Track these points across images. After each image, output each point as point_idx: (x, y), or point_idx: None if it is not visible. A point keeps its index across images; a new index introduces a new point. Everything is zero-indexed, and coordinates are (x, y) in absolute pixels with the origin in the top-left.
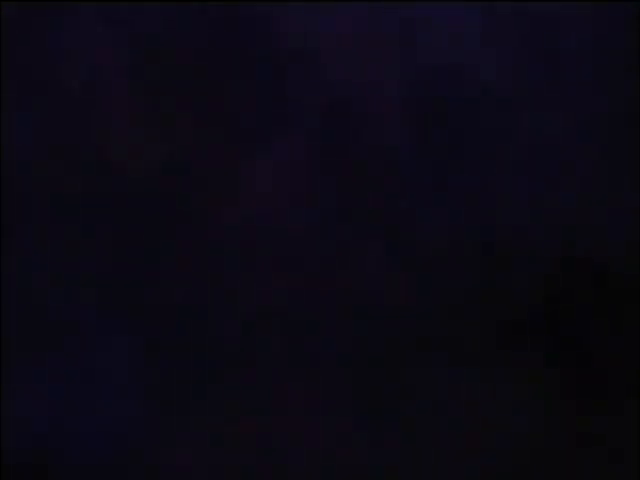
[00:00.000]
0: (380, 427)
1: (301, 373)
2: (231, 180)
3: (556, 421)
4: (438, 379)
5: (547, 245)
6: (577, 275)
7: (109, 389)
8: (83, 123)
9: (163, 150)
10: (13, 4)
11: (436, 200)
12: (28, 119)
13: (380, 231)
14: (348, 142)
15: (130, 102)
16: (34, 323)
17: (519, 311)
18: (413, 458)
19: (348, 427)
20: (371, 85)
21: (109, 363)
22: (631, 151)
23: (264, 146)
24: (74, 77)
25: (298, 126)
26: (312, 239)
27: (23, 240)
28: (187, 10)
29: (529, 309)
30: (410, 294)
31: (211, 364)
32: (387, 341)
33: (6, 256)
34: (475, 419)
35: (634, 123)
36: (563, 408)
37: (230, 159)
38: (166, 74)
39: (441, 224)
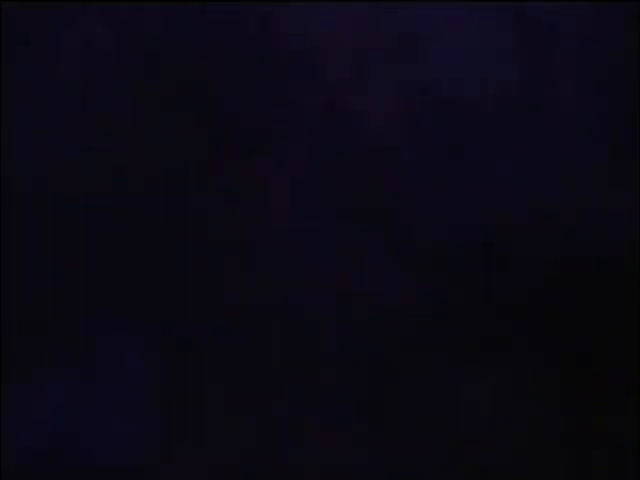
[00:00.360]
0: (380, 427)
1: (300, 373)
2: (231, 180)
3: (556, 421)
4: (438, 379)
5: (547, 245)
6: (577, 275)
7: (111, 392)
8: (82, 124)
9: (163, 150)
10: (13, 4)
11: (436, 200)
12: (28, 119)
13: (380, 231)
14: (348, 142)
15: (130, 102)
16: (34, 326)
17: (519, 311)
18: (413, 458)
19: (348, 427)
20: (371, 85)
21: (110, 365)
22: (631, 151)
23: (264, 146)
24: (74, 77)
25: (298, 126)
26: (312, 239)
27: (23, 241)
28: (187, 10)
29: (529, 309)
30: (410, 294)
31: (211, 365)
32: (387, 341)
33: (6, 257)
34: (475, 419)
35: (634, 123)
36: (563, 408)
37: (230, 159)
38: (166, 74)
39: (441, 224)
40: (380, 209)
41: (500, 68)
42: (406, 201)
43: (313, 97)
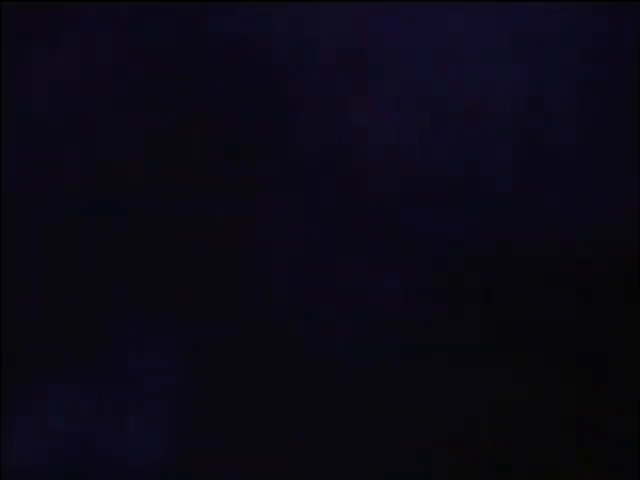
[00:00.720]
0: (380, 427)
1: (300, 374)
2: (231, 180)
3: (556, 421)
4: (438, 379)
5: (547, 245)
6: (577, 275)
7: (110, 391)
8: (82, 124)
9: (163, 150)
10: (13, 4)
11: (436, 200)
12: (27, 119)
13: (380, 231)
14: (348, 142)
15: (130, 102)
16: (34, 326)
17: (519, 311)
18: (413, 458)
19: (348, 428)
20: (371, 85)
21: (110, 365)
22: (631, 151)
23: (264, 146)
24: (74, 77)
25: (298, 126)
26: (312, 239)
27: (23, 241)
28: (187, 10)
29: (529, 309)
30: (410, 294)
31: (210, 364)
32: (387, 341)
33: (6, 257)
34: (475, 419)
35: (634, 123)
36: (563, 408)
37: (230, 159)
38: (166, 74)
39: (441, 224)
40: (380, 209)
41: (500, 68)
42: (406, 201)
43: (313, 97)
